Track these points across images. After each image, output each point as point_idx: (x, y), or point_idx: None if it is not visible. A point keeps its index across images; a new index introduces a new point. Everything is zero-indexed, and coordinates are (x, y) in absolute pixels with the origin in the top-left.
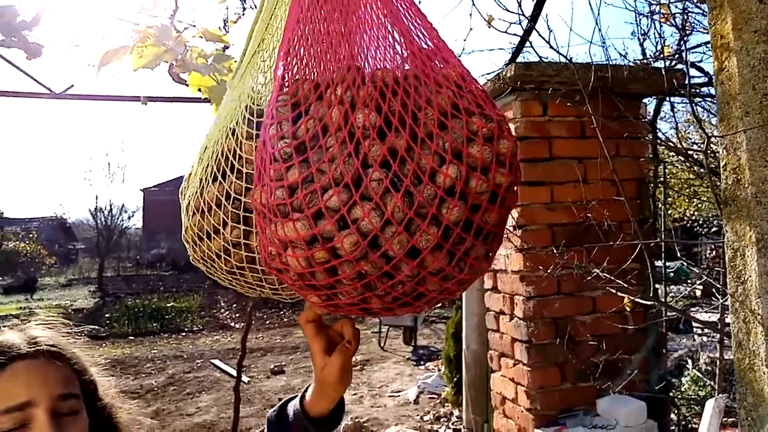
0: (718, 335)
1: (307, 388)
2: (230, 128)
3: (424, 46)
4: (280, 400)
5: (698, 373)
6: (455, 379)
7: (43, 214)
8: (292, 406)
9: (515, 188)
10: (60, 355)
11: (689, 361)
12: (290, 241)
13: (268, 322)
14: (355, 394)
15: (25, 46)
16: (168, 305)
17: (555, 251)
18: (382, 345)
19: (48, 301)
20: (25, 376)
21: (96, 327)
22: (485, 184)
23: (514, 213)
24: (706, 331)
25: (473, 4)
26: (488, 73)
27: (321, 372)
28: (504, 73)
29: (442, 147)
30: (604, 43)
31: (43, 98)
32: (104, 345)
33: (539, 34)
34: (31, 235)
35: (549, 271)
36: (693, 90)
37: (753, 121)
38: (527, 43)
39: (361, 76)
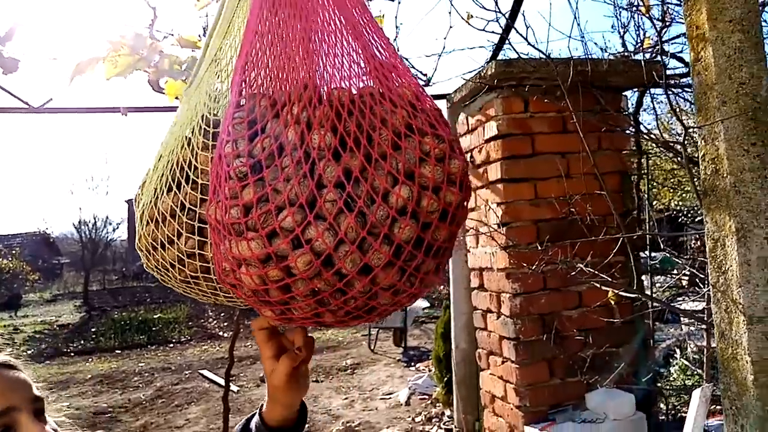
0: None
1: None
2: (186, 138)
3: (383, 60)
4: None
5: (686, 362)
6: (445, 379)
7: (26, 229)
8: (254, 420)
9: (465, 204)
10: (13, 366)
11: (677, 351)
12: (244, 259)
13: None
14: (346, 398)
15: (1, 61)
16: (155, 317)
17: (540, 247)
18: (372, 348)
19: (33, 318)
20: (3, 388)
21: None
22: (436, 203)
23: (498, 211)
24: (692, 320)
25: (451, 3)
26: (469, 72)
27: (270, 377)
28: (485, 71)
29: (395, 167)
30: (583, 37)
31: (21, 113)
32: (91, 360)
33: (518, 32)
34: (13, 252)
35: (534, 267)
36: (674, 81)
37: (730, 111)
38: (507, 41)
39: (317, 95)
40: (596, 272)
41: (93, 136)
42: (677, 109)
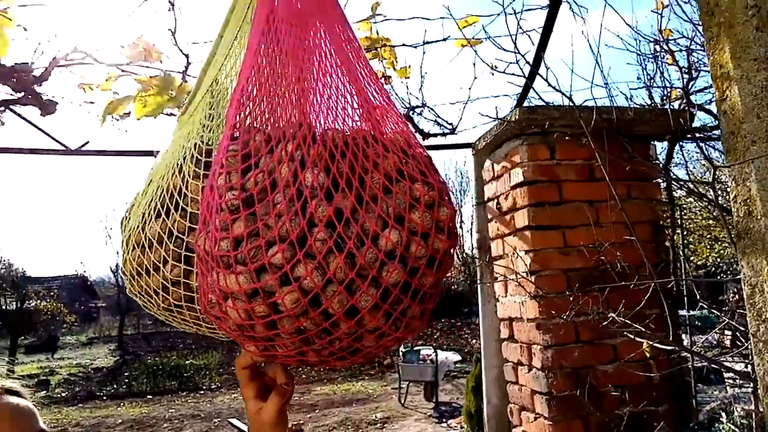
0: (752, 385)
1: None
2: (178, 164)
3: (377, 105)
4: None
5: (733, 427)
6: None
7: (64, 272)
8: None
9: (452, 252)
10: (19, 393)
11: (723, 414)
12: (231, 293)
13: None
14: None
15: (39, 103)
16: (187, 362)
17: (570, 296)
18: (402, 401)
19: (68, 360)
20: (9, 413)
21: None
22: (424, 249)
23: (527, 258)
24: (738, 381)
25: (476, 53)
26: (493, 119)
27: (256, 416)
28: (509, 118)
29: (386, 211)
30: (607, 84)
31: (59, 155)
32: (122, 404)
33: (542, 77)
34: (52, 294)
35: (564, 316)
36: (703, 133)
37: (760, 150)
38: (531, 88)
39: (312, 134)
40: (629, 322)
41: (129, 179)
42: (708, 155)
